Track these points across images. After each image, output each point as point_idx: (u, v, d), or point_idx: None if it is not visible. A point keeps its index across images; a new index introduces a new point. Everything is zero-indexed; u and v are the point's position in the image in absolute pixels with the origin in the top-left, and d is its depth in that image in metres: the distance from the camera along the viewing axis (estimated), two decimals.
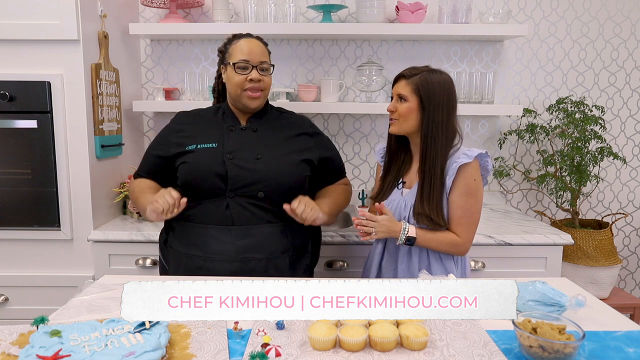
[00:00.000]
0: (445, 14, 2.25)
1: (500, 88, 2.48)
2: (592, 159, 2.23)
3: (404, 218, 1.49)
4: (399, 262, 1.53)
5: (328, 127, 2.51)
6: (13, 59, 1.85)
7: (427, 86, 1.42)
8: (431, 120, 1.43)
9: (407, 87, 1.45)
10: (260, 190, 1.47)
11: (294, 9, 2.26)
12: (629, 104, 2.51)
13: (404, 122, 1.46)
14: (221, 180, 1.47)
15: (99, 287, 1.34)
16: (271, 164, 1.49)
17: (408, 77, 1.45)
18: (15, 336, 1.02)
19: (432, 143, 1.43)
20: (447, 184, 1.44)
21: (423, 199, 1.44)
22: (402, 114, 1.45)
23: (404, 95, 1.45)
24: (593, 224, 2.40)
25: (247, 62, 1.48)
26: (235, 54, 1.50)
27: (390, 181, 1.56)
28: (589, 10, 2.42)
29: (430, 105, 1.42)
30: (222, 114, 1.59)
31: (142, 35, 2.34)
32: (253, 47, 1.51)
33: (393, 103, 1.49)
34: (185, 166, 1.50)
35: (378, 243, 1.60)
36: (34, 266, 1.98)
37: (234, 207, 1.47)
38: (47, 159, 1.88)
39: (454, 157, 1.45)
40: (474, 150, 1.45)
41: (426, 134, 1.44)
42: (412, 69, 1.48)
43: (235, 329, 1.04)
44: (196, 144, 1.51)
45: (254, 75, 1.49)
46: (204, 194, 1.49)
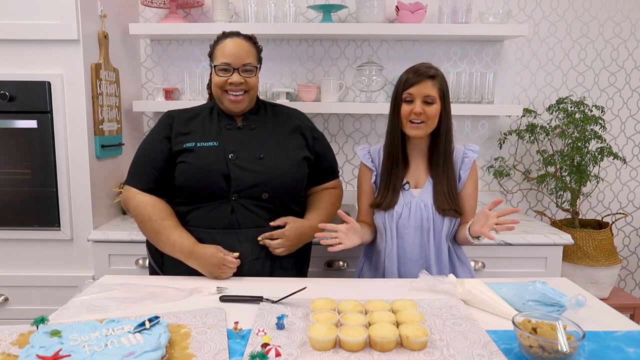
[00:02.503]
0: (445, 14, 2.24)
1: (500, 88, 2.48)
2: (592, 159, 2.23)
3: (427, 218, 1.50)
4: (432, 264, 1.52)
5: (328, 127, 2.51)
6: (13, 59, 1.85)
7: (445, 85, 1.46)
8: (448, 118, 1.48)
9: (434, 89, 1.43)
10: (265, 191, 1.46)
11: (294, 9, 2.26)
12: (629, 104, 2.51)
13: (431, 125, 1.46)
14: (225, 181, 1.43)
15: (99, 287, 1.34)
16: (274, 165, 1.47)
17: (434, 77, 1.43)
18: (15, 336, 1.02)
19: (449, 140, 1.49)
20: (463, 178, 1.53)
21: (444, 195, 1.49)
22: (432, 116, 1.44)
23: (434, 97, 1.43)
24: (593, 224, 2.40)
25: (229, 65, 1.45)
26: (218, 56, 1.47)
27: (394, 185, 1.52)
28: (589, 10, 2.42)
29: (447, 103, 1.48)
30: (216, 112, 1.55)
31: (142, 35, 2.34)
32: (236, 48, 1.46)
33: (419, 105, 1.43)
34: (186, 166, 1.44)
35: (393, 245, 1.54)
36: (34, 266, 1.98)
37: (239, 210, 1.45)
38: (47, 159, 1.88)
39: (459, 151, 1.54)
40: (473, 145, 1.56)
41: (446, 130, 1.48)
42: (429, 67, 1.45)
43: (235, 329, 1.04)
44: (195, 142, 1.46)
45: (234, 78, 1.45)
46: (205, 196, 1.45)
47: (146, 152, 1.51)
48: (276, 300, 1.21)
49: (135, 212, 1.47)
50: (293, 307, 1.19)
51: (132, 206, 1.48)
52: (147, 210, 1.44)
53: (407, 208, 1.51)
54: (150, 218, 1.44)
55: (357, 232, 1.45)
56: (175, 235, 1.42)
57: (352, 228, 1.43)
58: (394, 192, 1.52)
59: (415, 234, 1.51)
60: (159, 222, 1.43)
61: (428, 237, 1.51)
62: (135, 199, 1.47)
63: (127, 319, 1.03)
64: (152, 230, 1.44)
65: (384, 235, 1.55)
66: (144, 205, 1.45)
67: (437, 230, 1.51)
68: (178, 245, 1.41)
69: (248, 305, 1.21)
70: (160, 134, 1.50)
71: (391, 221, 1.52)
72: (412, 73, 1.45)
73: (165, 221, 1.43)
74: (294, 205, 1.55)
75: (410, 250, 1.52)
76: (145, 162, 1.50)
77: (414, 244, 1.52)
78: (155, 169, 1.48)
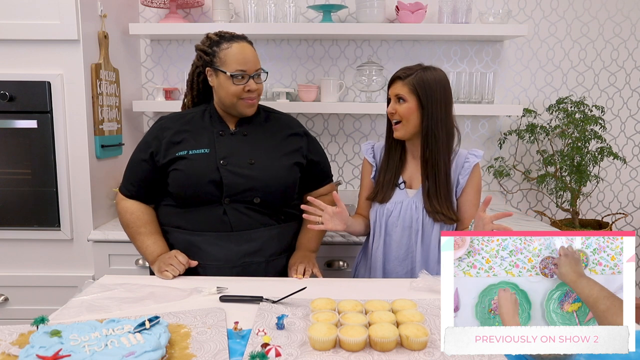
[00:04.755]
0: (445, 14, 2.24)
1: (500, 88, 2.48)
2: (592, 159, 2.23)
3: (416, 220, 1.50)
4: (419, 259, 1.52)
5: (328, 127, 2.51)
6: (13, 59, 1.85)
7: (424, 84, 1.44)
8: (431, 118, 1.44)
9: (404, 88, 1.45)
10: (256, 196, 1.47)
11: (294, 9, 2.26)
12: (629, 104, 2.51)
13: (407, 124, 1.46)
14: (216, 187, 1.45)
15: (99, 287, 1.34)
16: (265, 170, 1.48)
17: (403, 77, 1.45)
18: (15, 336, 1.02)
19: (434, 141, 1.45)
20: (461, 183, 1.49)
21: (431, 198, 1.47)
22: (403, 114, 1.45)
23: (402, 95, 1.45)
24: (593, 224, 2.40)
25: (245, 72, 1.43)
26: (230, 63, 1.43)
27: (390, 181, 1.55)
28: (589, 10, 2.42)
29: (429, 102, 1.44)
30: (209, 117, 1.53)
31: (142, 35, 2.34)
32: (248, 54, 1.45)
33: (392, 105, 1.48)
34: (178, 173, 1.46)
35: (380, 241, 1.57)
36: (34, 266, 1.98)
37: (232, 213, 1.46)
38: (47, 159, 1.88)
39: (461, 155, 1.51)
40: (477, 150, 1.52)
41: (427, 133, 1.45)
42: (405, 69, 1.47)
43: (235, 329, 1.04)
44: (187, 150, 1.46)
45: (252, 85, 1.45)
46: (197, 201, 1.47)
47: (133, 162, 1.56)
48: (276, 300, 1.21)
49: (119, 217, 1.58)
50: (293, 307, 1.19)
51: (118, 211, 1.59)
52: (127, 217, 1.54)
53: (399, 206, 1.52)
54: (128, 225, 1.54)
55: (343, 219, 1.45)
56: (148, 241, 1.50)
57: (339, 213, 1.43)
58: (389, 188, 1.54)
59: (402, 233, 1.52)
60: (135, 229, 1.52)
61: (416, 239, 1.51)
62: (120, 205, 1.57)
63: (127, 319, 1.03)
64: (130, 235, 1.55)
65: (373, 230, 1.58)
66: (124, 211, 1.55)
67: (427, 234, 1.51)
68: (149, 250, 1.49)
69: (248, 305, 1.21)
70: (149, 146, 1.51)
71: (381, 217, 1.54)
72: (393, 76, 1.50)
73: (141, 228, 1.52)
74: (286, 209, 1.57)
75: (397, 249, 1.54)
76: (130, 171, 1.56)
77: (400, 243, 1.53)
78: (140, 179, 1.54)
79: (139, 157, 1.53)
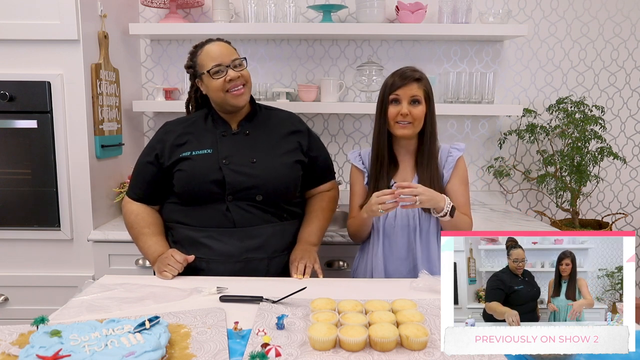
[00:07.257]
0: (445, 14, 2.25)
1: (500, 88, 2.48)
2: (592, 159, 2.23)
3: (413, 217, 1.53)
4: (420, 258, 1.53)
5: (328, 127, 2.51)
6: (13, 59, 1.85)
7: (430, 88, 1.52)
8: (432, 119, 1.53)
9: (420, 90, 1.48)
10: (259, 193, 1.49)
11: (294, 9, 2.26)
12: (629, 104, 2.51)
13: (418, 125, 1.50)
14: (218, 186, 1.47)
15: (99, 287, 1.34)
16: (267, 168, 1.50)
17: (420, 80, 1.49)
18: (15, 336, 1.02)
19: (433, 139, 1.53)
20: (446, 176, 1.54)
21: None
22: (419, 117, 1.49)
23: (419, 98, 1.48)
24: (593, 224, 2.40)
25: (220, 65, 1.47)
26: (206, 63, 1.48)
27: (381, 186, 1.53)
28: (589, 10, 2.42)
29: (431, 104, 1.52)
30: (211, 119, 1.58)
31: (142, 35, 2.34)
32: (220, 49, 1.49)
33: (406, 107, 1.47)
34: (182, 174, 1.50)
35: (379, 244, 1.57)
36: (34, 266, 1.98)
37: (235, 210, 1.49)
38: (47, 159, 1.88)
39: (444, 150, 1.57)
40: (459, 144, 1.58)
41: (431, 132, 1.53)
42: (416, 71, 1.51)
43: (235, 329, 1.04)
44: (190, 151, 1.50)
45: (231, 74, 1.47)
46: (201, 199, 1.50)
47: (139, 166, 1.59)
48: (276, 300, 1.21)
49: (124, 219, 1.62)
50: (293, 307, 1.19)
51: (123, 213, 1.63)
52: (131, 218, 1.57)
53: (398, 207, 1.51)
54: (132, 226, 1.57)
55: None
56: (150, 242, 1.54)
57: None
58: None
59: (402, 233, 1.54)
60: (139, 230, 1.56)
61: (415, 236, 1.53)
62: (125, 207, 1.61)
63: (127, 319, 1.03)
64: (133, 236, 1.58)
65: (372, 235, 1.59)
66: (129, 213, 1.58)
67: (424, 229, 1.53)
68: (151, 250, 1.52)
69: (248, 305, 1.21)
70: (153, 149, 1.56)
71: (378, 221, 1.56)
72: (398, 76, 1.50)
73: (144, 229, 1.55)
74: (288, 206, 1.58)
75: (398, 249, 1.55)
76: (136, 175, 1.60)
77: (401, 243, 1.54)
78: (146, 181, 1.57)
79: (145, 160, 1.57)
